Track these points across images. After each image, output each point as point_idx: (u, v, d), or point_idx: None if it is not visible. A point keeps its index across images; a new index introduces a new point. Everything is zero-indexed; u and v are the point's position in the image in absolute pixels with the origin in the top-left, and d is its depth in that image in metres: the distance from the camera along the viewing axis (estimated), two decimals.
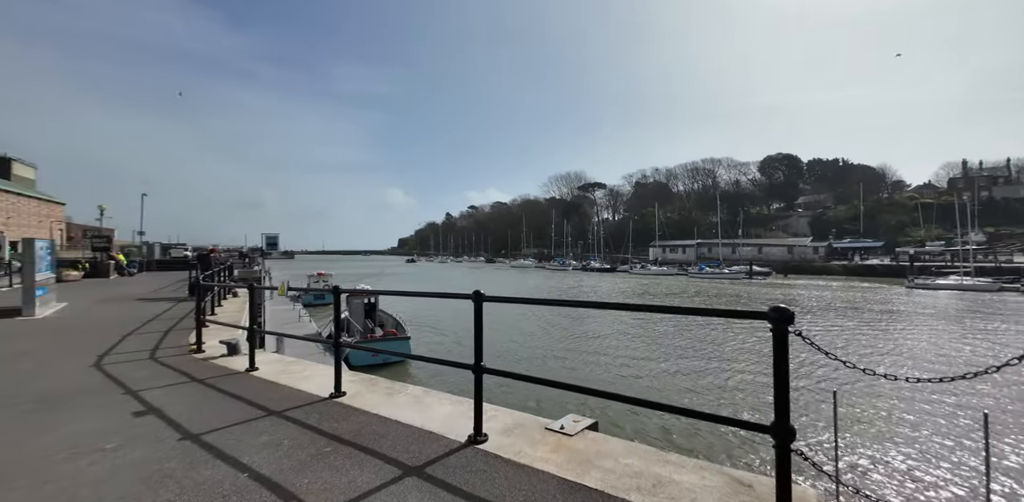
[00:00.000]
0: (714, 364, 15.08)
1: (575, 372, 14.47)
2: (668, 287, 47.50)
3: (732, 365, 14.86)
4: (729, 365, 14.87)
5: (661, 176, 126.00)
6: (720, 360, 15.59)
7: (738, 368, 14.44)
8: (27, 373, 5.03)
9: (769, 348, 1.98)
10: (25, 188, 79.61)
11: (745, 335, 19.37)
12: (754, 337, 18.79)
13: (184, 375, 4.94)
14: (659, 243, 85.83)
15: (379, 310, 20.18)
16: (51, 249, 10.65)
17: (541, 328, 22.51)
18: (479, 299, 3.03)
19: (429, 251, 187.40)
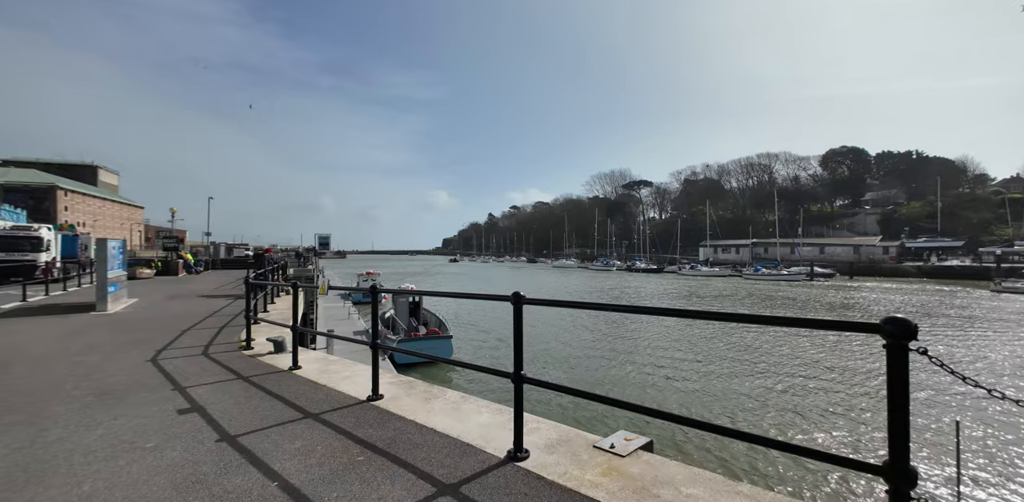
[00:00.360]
0: (786, 378, 13.93)
1: (622, 381, 13.70)
2: (718, 289, 45.32)
3: (807, 379, 13.66)
4: (804, 379, 13.69)
5: (712, 172, 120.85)
6: (792, 374, 14.42)
7: (818, 384, 13.09)
8: (93, 366, 5.27)
9: (856, 362, 1.58)
10: (109, 193, 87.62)
11: (821, 345, 17.95)
12: (838, 348, 17.35)
13: (231, 372, 5.00)
14: (710, 243, 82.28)
15: (423, 309, 20.42)
16: (123, 249, 11.42)
17: (583, 330, 21.96)
18: (519, 301, 2.76)
19: (471, 251, 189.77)
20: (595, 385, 13.32)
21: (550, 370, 15.37)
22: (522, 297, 2.75)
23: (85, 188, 75.51)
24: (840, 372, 14.13)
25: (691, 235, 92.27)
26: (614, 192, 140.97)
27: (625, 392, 12.32)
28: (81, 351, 6.01)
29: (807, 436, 9.60)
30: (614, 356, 16.92)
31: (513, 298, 2.76)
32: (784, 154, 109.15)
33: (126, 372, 4.99)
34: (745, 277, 61.89)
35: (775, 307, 30.67)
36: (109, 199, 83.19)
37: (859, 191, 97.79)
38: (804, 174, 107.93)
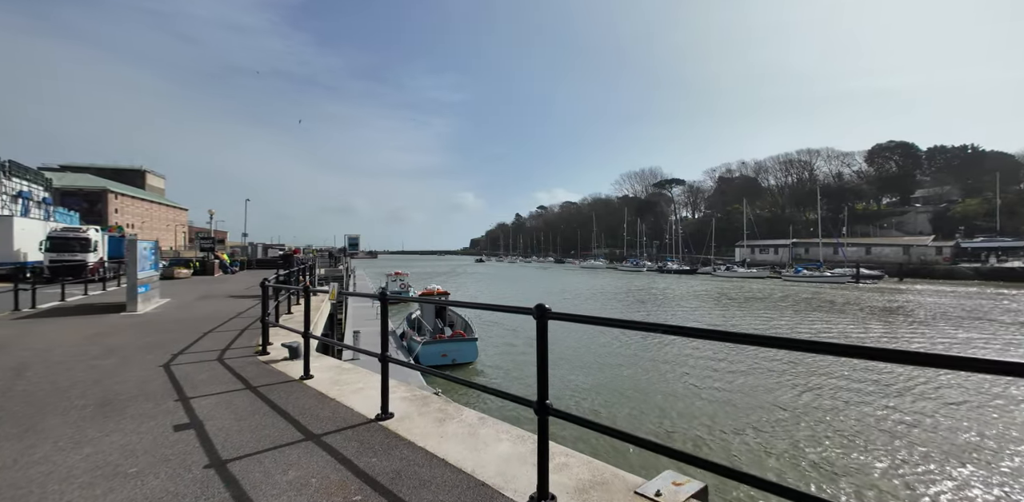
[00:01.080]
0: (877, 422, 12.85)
1: (668, 406, 12.27)
2: (753, 291, 43.40)
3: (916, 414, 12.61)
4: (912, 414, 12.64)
5: (749, 170, 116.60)
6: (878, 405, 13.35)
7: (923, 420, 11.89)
8: (106, 371, 5.13)
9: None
10: (156, 196, 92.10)
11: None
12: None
13: (240, 380, 4.74)
14: (747, 243, 79.27)
15: (449, 310, 20.20)
16: (155, 250, 11.59)
17: (614, 340, 21.17)
18: (543, 316, 2.28)
19: (498, 251, 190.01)
20: (634, 410, 12.61)
21: (577, 378, 14.76)
22: (547, 310, 2.28)
23: (134, 191, 79.65)
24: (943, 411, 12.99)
25: (726, 235, 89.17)
26: (644, 191, 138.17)
27: (671, 424, 11.20)
28: (100, 354, 5.92)
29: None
30: (654, 369, 16.10)
31: (536, 311, 2.29)
32: (826, 150, 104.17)
33: (136, 379, 4.80)
34: (784, 279, 59.21)
35: (812, 310, 28.97)
36: (156, 202, 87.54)
37: (908, 188, 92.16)
38: (848, 171, 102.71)
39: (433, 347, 15.44)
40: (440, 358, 15.35)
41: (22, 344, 6.44)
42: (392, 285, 35.20)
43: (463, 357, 15.65)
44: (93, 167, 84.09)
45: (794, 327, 23.42)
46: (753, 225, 76.83)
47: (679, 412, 11.55)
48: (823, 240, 65.92)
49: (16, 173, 25.46)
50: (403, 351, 15.65)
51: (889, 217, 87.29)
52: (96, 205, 67.40)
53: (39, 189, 30.87)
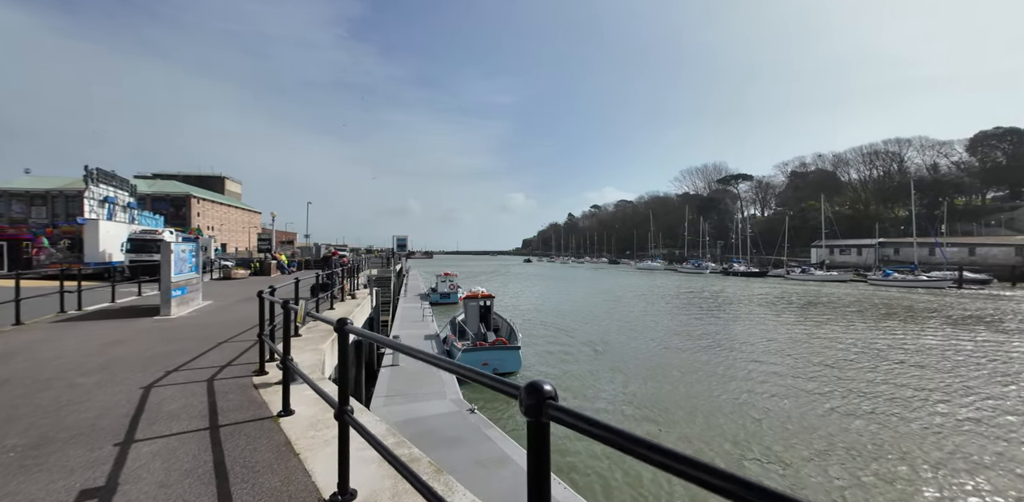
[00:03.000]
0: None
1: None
2: (837, 296, 38.86)
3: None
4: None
5: (826, 163, 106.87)
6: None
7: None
8: (80, 393, 4.54)
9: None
10: (234, 200, 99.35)
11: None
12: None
13: (209, 415, 3.92)
14: (825, 243, 72.19)
15: (494, 314, 19.27)
16: (195, 252, 11.50)
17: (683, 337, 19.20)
18: (538, 407, 1.10)
19: (551, 251, 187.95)
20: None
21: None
22: (545, 397, 1.10)
23: (214, 196, 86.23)
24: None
25: (800, 234, 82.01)
26: (707, 188, 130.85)
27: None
28: (93, 369, 5.41)
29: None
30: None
31: (528, 395, 1.12)
32: (919, 139, 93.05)
33: (100, 407, 4.13)
34: (871, 282, 53.12)
35: (915, 320, 25.06)
36: (233, 206, 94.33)
37: (1020, 180, 80.00)
38: (946, 162, 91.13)
39: (473, 355, 14.51)
40: (481, 367, 14.33)
41: (29, 353, 6.13)
42: (441, 285, 34.96)
43: (505, 367, 14.60)
44: (179, 175, 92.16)
45: (900, 343, 20.23)
46: (832, 223, 69.82)
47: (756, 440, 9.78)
48: (917, 239, 58.43)
49: (103, 180, 27.58)
50: (444, 356, 14.85)
51: (996, 213, 76.18)
52: (181, 209, 73.48)
53: (124, 194, 33.57)
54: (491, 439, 8.50)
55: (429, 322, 21.80)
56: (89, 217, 25.77)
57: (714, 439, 10.10)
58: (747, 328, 23.92)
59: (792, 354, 17.70)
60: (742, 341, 20.25)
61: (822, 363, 16.32)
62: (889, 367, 15.71)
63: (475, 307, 18.53)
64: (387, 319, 22.69)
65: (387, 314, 23.67)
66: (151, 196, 67.49)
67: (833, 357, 17.21)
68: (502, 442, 8.39)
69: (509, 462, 7.63)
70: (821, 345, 19.29)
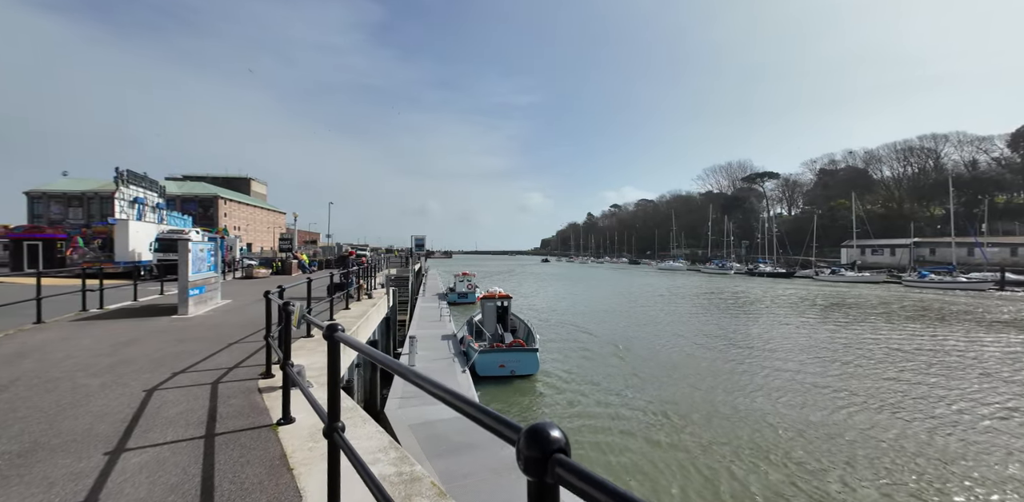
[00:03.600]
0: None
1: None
2: (864, 297, 37.24)
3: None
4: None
5: (857, 160, 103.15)
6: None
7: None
8: (82, 396, 4.43)
9: None
10: (259, 201, 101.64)
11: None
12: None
13: (207, 422, 3.74)
14: (857, 242, 69.55)
15: (511, 314, 18.99)
16: (213, 251, 11.55)
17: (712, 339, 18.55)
18: (541, 467, 0.80)
19: (570, 251, 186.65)
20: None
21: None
22: (553, 451, 0.79)
23: (240, 197, 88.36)
24: None
25: (829, 234, 79.31)
26: (731, 186, 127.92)
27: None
28: (101, 370, 5.33)
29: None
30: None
31: (528, 444, 0.82)
32: (956, 135, 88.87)
33: (98, 411, 4.00)
34: (906, 284, 50.89)
35: (957, 323, 23.72)
36: (259, 206, 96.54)
37: None
38: (985, 158, 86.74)
39: (490, 356, 14.25)
40: (498, 369, 14.13)
41: (42, 353, 6.11)
42: (459, 285, 34.88)
43: (522, 369, 14.29)
44: (208, 176, 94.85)
45: (947, 349, 19.16)
46: (864, 222, 67.21)
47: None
48: (956, 239, 55.68)
49: (132, 181, 28.36)
50: (460, 357, 14.65)
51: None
52: (209, 210, 75.56)
53: (153, 195, 34.55)
54: (506, 445, 8.20)
55: (447, 322, 21.66)
56: (119, 217, 26.52)
57: (739, 447, 9.59)
58: (776, 331, 23.04)
59: (826, 359, 16.90)
60: (770, 346, 19.47)
61: (860, 374, 15.52)
62: (941, 376, 14.81)
63: (492, 307, 18.29)
64: (404, 318, 22.65)
65: (405, 313, 23.65)
66: (181, 197, 69.53)
67: (876, 365, 16.36)
68: None
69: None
70: (859, 352, 18.39)
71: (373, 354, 1.83)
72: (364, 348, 1.98)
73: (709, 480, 8.40)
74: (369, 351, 1.89)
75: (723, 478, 8.43)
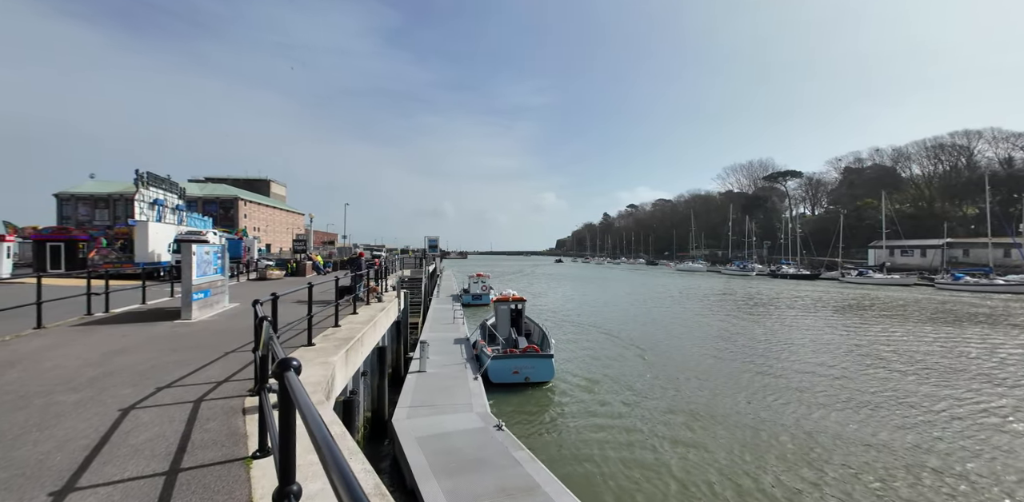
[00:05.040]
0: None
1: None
2: (891, 300, 35.57)
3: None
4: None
5: (885, 158, 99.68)
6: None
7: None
8: (53, 414, 4.07)
9: None
10: (279, 203, 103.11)
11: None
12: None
13: (176, 452, 3.31)
14: (885, 243, 67.00)
15: (526, 318, 18.44)
16: (220, 253, 11.30)
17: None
18: None
19: (585, 252, 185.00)
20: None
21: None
22: None
23: (260, 199, 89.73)
24: None
25: (856, 234, 76.72)
26: (752, 185, 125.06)
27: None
28: (82, 384, 4.99)
29: None
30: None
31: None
32: (991, 131, 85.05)
33: (62, 435, 3.61)
34: (940, 287, 48.73)
35: (990, 328, 22.29)
36: (278, 208, 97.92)
37: None
38: (1022, 155, 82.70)
39: (504, 362, 13.74)
40: (511, 375, 13.61)
41: (30, 362, 5.82)
42: (474, 286, 34.48)
43: (537, 376, 13.74)
44: (229, 178, 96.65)
45: (995, 357, 17.97)
46: (894, 222, 64.69)
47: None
48: (992, 239, 53.09)
49: (153, 183, 28.70)
50: (472, 363, 14.18)
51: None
52: (229, 211, 76.90)
53: (173, 197, 35.02)
54: (519, 463, 7.69)
55: (460, 325, 21.24)
56: (139, 219, 26.82)
57: (763, 459, 8.87)
58: (809, 337, 22.00)
59: (874, 365, 15.94)
60: (805, 353, 18.52)
61: (898, 387, 14.55)
62: (992, 384, 13.78)
63: (506, 311, 17.78)
64: (417, 321, 22.31)
65: (417, 316, 23.31)
66: (203, 199, 70.86)
67: (932, 375, 15.35)
68: (531, 466, 7.56)
69: (538, 492, 6.79)
70: (900, 362, 17.34)
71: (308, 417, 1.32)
72: (303, 407, 1.47)
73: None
74: (306, 412, 1.38)
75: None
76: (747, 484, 8.28)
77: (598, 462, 9.18)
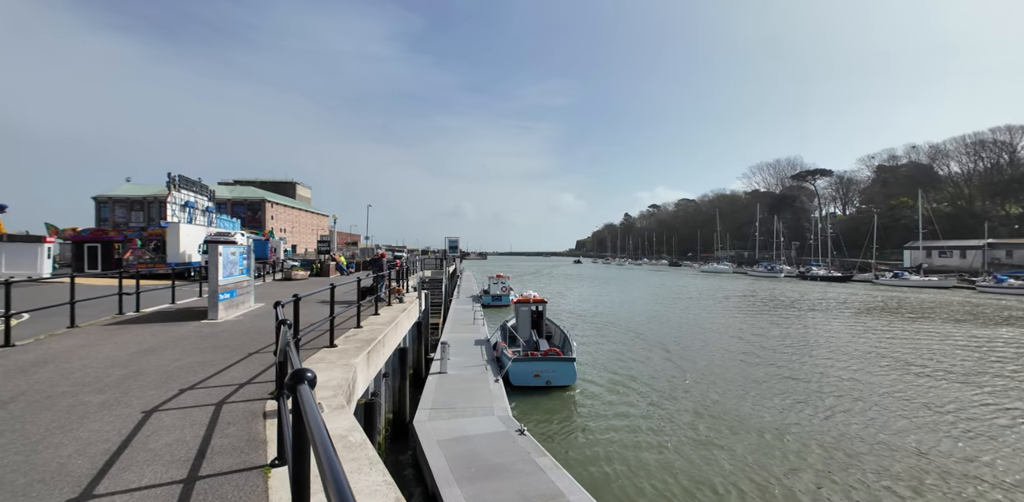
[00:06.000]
0: None
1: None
2: (939, 304, 33.91)
3: None
4: None
5: (920, 155, 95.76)
6: None
7: None
8: (78, 415, 4.07)
9: None
10: (304, 204, 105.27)
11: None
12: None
13: (195, 458, 3.24)
14: (922, 244, 64.20)
15: (547, 320, 18.20)
16: (246, 254, 11.45)
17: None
18: None
19: (606, 253, 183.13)
20: None
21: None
22: None
23: (286, 201, 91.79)
24: None
25: (890, 234, 73.82)
26: (779, 185, 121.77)
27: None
28: (109, 384, 5.02)
29: None
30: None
31: None
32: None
33: (85, 437, 3.59)
34: (981, 289, 46.39)
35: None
36: (304, 209, 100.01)
37: None
38: None
39: (525, 365, 13.54)
40: (533, 379, 13.40)
41: (60, 362, 5.92)
42: (493, 287, 34.39)
43: (559, 380, 13.49)
44: (257, 181, 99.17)
45: None
46: (931, 222, 61.92)
47: None
48: None
49: (184, 186, 29.59)
50: (493, 365, 14.02)
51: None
52: (257, 213, 78.92)
53: (204, 199, 36.07)
54: (542, 469, 7.48)
55: (480, 326, 21.14)
56: (171, 220, 27.65)
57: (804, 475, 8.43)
58: (848, 343, 21.13)
59: (934, 376, 15.16)
60: (846, 362, 17.76)
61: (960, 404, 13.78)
62: None
63: (527, 312, 17.58)
64: (437, 321, 22.31)
65: (438, 317, 23.32)
66: (232, 201, 72.88)
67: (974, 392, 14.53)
68: (554, 473, 7.34)
69: (562, 501, 6.58)
70: (962, 366, 16.47)
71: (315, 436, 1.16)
72: (313, 427, 1.31)
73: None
74: (315, 434, 1.22)
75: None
76: (786, 494, 7.88)
77: (625, 469, 8.89)
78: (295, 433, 1.68)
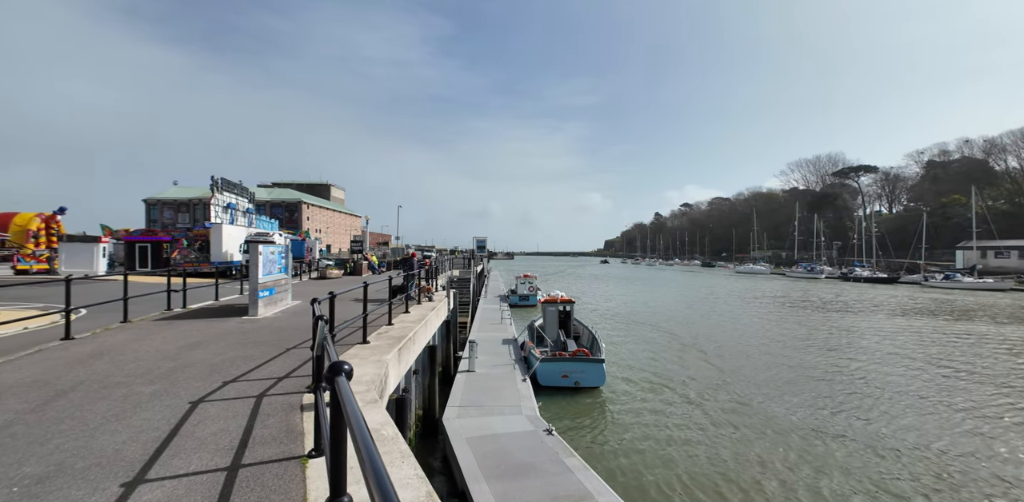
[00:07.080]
0: None
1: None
2: (999, 308, 31.69)
3: None
4: None
5: (975, 149, 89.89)
6: None
7: None
8: (131, 404, 4.33)
9: None
10: (338, 205, 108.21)
11: None
12: None
13: (238, 447, 3.39)
14: (976, 244, 60.26)
15: (574, 320, 18.07)
16: (284, 253, 11.86)
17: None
18: None
19: (635, 253, 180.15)
20: None
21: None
22: None
23: (321, 202, 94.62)
24: None
25: (941, 234, 69.65)
26: (819, 182, 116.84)
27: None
28: (160, 376, 5.30)
29: None
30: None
31: None
32: None
33: (138, 425, 3.81)
34: None
35: None
36: (338, 210, 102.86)
37: None
38: None
39: (553, 365, 13.48)
40: (561, 379, 13.34)
41: (115, 354, 6.29)
42: (521, 287, 34.42)
43: (587, 381, 13.37)
44: (293, 183, 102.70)
45: None
46: (987, 220, 58.03)
47: None
48: None
49: (226, 188, 30.95)
50: (521, 364, 14.03)
51: None
52: (294, 214, 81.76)
53: (244, 201, 37.63)
54: (570, 470, 7.43)
55: (508, 325, 21.19)
56: (214, 222, 28.97)
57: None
58: (902, 351, 20.10)
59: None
60: (902, 370, 16.92)
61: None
62: None
63: (554, 312, 17.51)
64: (466, 320, 22.51)
65: (465, 316, 23.52)
66: (270, 203, 75.69)
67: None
68: (583, 474, 7.29)
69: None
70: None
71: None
72: (352, 419, 1.35)
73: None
74: (354, 424, 1.26)
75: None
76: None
77: (656, 471, 8.73)
78: (333, 424, 1.72)
